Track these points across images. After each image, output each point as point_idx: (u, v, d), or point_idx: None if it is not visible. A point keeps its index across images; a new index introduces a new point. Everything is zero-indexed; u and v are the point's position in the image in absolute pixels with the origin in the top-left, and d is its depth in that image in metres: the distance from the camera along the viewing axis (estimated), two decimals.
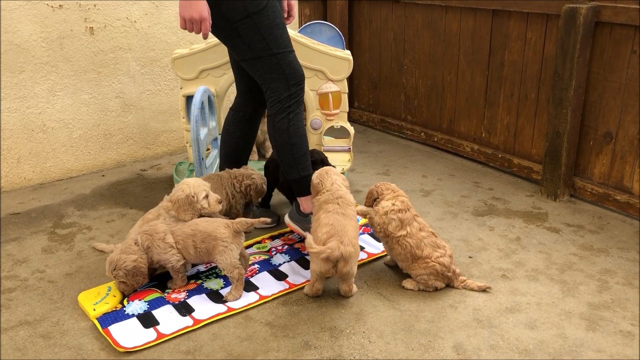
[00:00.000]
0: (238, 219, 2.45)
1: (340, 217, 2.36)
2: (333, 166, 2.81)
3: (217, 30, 2.47)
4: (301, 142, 2.61)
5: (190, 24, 2.32)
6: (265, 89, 2.56)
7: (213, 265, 2.66)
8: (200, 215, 2.57)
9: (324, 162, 2.92)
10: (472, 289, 2.44)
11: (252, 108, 2.88)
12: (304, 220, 2.72)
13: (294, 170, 2.64)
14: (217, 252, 2.37)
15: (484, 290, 2.44)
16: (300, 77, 2.56)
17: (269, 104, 2.58)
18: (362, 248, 2.77)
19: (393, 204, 2.47)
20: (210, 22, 2.36)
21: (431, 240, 2.44)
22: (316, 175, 2.55)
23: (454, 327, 2.22)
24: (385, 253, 2.71)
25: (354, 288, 2.43)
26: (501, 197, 3.35)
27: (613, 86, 3.04)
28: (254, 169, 2.94)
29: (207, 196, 2.56)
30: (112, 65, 3.72)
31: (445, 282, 2.45)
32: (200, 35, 2.39)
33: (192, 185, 2.55)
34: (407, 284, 2.47)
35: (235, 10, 2.37)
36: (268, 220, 2.73)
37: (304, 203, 2.71)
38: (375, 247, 2.77)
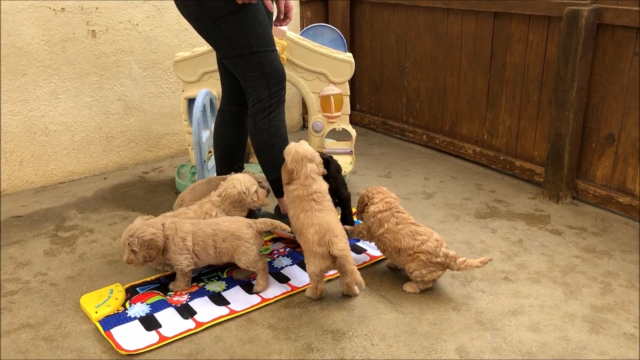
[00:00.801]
0: (261, 219, 2.45)
1: (321, 214, 2.34)
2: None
3: (200, 27, 2.48)
4: (281, 142, 2.62)
5: None
6: (246, 87, 2.58)
7: (215, 267, 2.65)
8: (250, 212, 2.63)
9: (333, 165, 2.82)
10: (475, 267, 2.37)
11: (236, 108, 2.86)
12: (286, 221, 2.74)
13: (273, 171, 2.66)
14: (240, 252, 2.38)
15: (486, 263, 2.36)
16: (282, 77, 2.57)
17: (250, 104, 2.60)
18: (363, 250, 2.77)
19: (376, 207, 2.51)
20: None
21: (409, 230, 2.42)
22: (290, 160, 2.45)
23: (457, 330, 2.21)
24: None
25: (356, 289, 2.42)
26: (503, 200, 3.35)
27: (615, 88, 3.04)
28: (254, 172, 2.93)
29: (256, 190, 2.62)
30: (114, 68, 3.73)
31: (440, 269, 2.40)
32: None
33: (243, 181, 2.59)
34: (408, 287, 2.46)
35: (217, 7, 2.38)
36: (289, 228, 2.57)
37: (284, 204, 2.72)
38: (377, 249, 2.76)
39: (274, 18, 2.84)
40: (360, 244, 2.82)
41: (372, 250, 2.76)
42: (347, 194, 2.86)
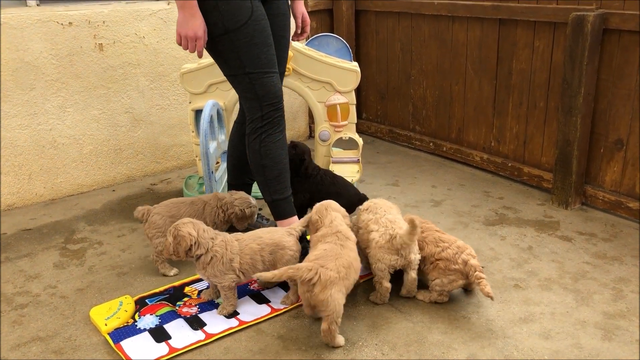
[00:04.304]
0: (295, 224, 2.47)
1: (337, 247, 2.23)
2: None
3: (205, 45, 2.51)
4: (273, 164, 2.60)
5: (185, 41, 2.37)
6: (244, 106, 2.60)
7: None
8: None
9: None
10: (481, 289, 2.25)
11: None
12: None
13: (267, 193, 2.65)
14: (285, 262, 2.35)
15: (489, 297, 2.24)
16: (275, 99, 2.54)
17: (246, 123, 2.61)
18: None
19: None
20: (206, 40, 2.39)
21: (433, 237, 2.41)
22: (315, 211, 2.46)
23: (468, 338, 2.20)
24: None
25: (338, 340, 2.16)
26: (512, 206, 3.33)
27: (623, 93, 3.03)
28: (241, 193, 2.84)
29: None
30: (121, 81, 3.75)
31: (461, 278, 2.33)
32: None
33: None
34: (420, 295, 2.45)
35: (215, 26, 2.40)
36: None
37: (283, 226, 2.71)
38: None
39: (292, 33, 2.86)
40: None
41: None
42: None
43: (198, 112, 3.35)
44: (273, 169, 2.60)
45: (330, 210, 2.44)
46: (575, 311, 2.34)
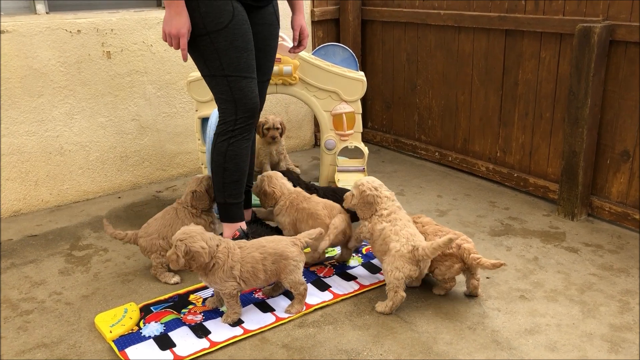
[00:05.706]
0: (300, 235, 2.45)
1: (327, 202, 2.72)
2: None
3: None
4: (235, 169, 2.62)
5: (169, 38, 2.42)
6: (218, 107, 2.63)
7: None
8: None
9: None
10: (487, 267, 2.35)
11: None
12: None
13: (221, 194, 2.69)
14: (288, 272, 2.36)
15: (498, 266, 2.34)
16: (250, 105, 2.56)
17: (218, 123, 2.65)
18: (353, 278, 2.70)
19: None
20: (189, 37, 2.43)
21: (432, 229, 2.54)
22: (266, 184, 2.78)
23: (473, 349, 2.19)
24: None
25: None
26: (518, 217, 3.32)
27: (629, 104, 3.02)
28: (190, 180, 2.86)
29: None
30: (128, 89, 3.77)
31: (457, 262, 2.40)
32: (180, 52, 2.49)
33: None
34: (436, 290, 2.55)
35: (196, 27, 2.44)
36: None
37: (227, 229, 2.75)
38: (366, 278, 2.71)
39: (290, 45, 2.87)
40: (349, 271, 2.77)
41: (362, 278, 2.70)
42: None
43: (204, 120, 3.37)
44: (234, 174, 2.63)
45: (279, 178, 2.82)
46: (581, 323, 2.33)
